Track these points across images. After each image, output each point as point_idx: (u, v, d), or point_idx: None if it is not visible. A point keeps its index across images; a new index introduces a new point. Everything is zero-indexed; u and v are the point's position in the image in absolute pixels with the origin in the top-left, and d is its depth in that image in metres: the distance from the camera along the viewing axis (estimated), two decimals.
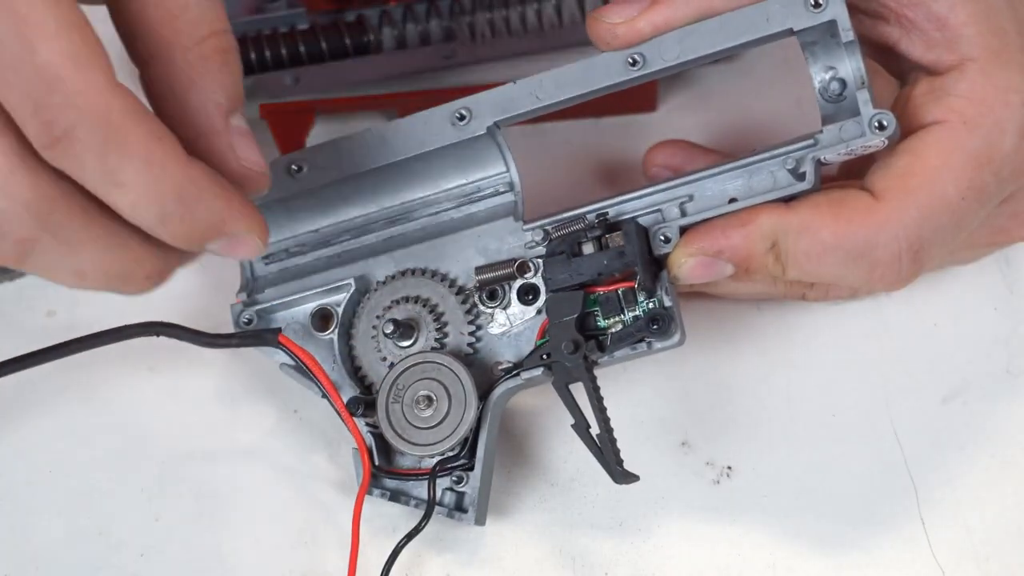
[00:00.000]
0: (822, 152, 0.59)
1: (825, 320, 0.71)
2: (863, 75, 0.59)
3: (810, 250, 0.59)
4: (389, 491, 0.66)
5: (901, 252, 0.58)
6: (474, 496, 0.64)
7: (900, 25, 0.60)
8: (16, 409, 0.73)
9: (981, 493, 0.66)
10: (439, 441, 0.63)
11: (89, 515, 0.71)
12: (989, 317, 0.70)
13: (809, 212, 0.59)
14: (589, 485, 0.68)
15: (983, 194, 0.59)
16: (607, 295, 0.62)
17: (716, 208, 0.61)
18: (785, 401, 0.69)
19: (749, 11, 0.59)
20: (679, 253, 0.60)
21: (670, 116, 0.77)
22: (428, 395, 0.63)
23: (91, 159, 0.46)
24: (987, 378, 0.69)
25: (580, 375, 0.61)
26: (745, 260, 0.60)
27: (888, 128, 0.58)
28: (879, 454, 0.67)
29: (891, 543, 0.66)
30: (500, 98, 0.63)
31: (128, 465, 0.72)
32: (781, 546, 0.66)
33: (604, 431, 0.61)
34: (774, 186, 0.60)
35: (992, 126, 0.58)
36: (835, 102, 0.60)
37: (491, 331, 0.65)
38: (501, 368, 0.64)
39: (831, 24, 0.58)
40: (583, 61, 0.62)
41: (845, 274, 0.60)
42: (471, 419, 0.63)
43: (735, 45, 0.60)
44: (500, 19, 0.76)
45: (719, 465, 0.68)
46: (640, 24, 0.60)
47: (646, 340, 0.61)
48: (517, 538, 0.68)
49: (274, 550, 0.69)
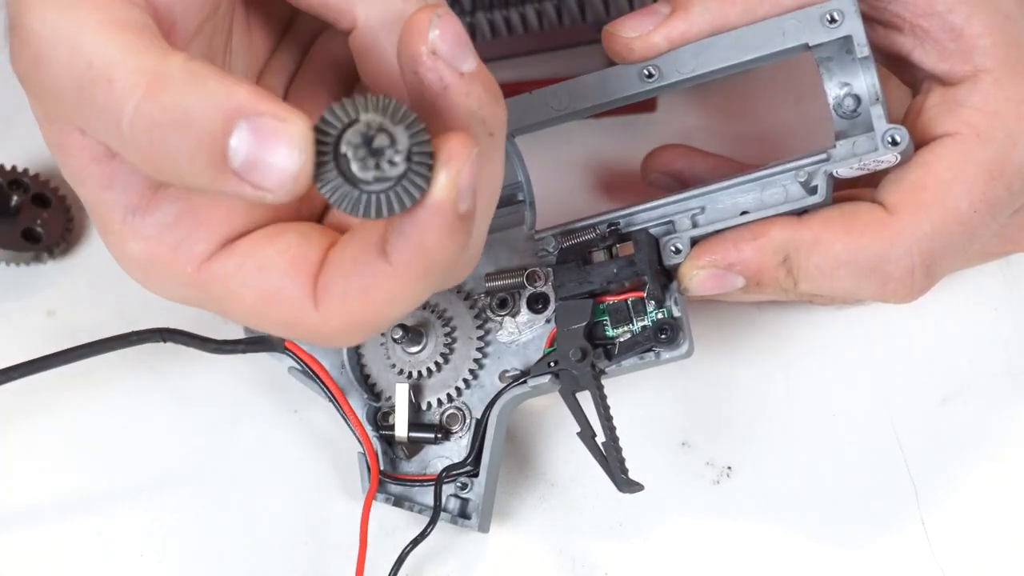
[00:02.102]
0: (835, 166, 0.59)
1: (825, 320, 0.71)
2: (878, 91, 0.58)
3: (822, 264, 0.59)
4: (394, 496, 0.66)
5: (914, 266, 0.58)
6: (478, 503, 0.64)
7: (914, 35, 0.60)
8: (18, 409, 0.73)
9: (981, 493, 0.66)
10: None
11: (89, 515, 0.71)
12: (989, 317, 0.70)
13: (821, 226, 0.59)
14: (589, 485, 0.68)
15: (995, 207, 0.59)
16: (616, 304, 0.62)
17: (728, 220, 0.61)
18: (785, 401, 0.69)
19: (765, 26, 0.59)
20: (690, 265, 0.60)
21: (670, 116, 0.77)
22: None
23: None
24: (987, 378, 0.69)
25: (587, 383, 0.61)
26: (757, 274, 0.60)
27: (901, 143, 0.58)
28: (879, 454, 0.68)
29: (891, 543, 0.66)
30: (515, 108, 0.63)
31: (128, 465, 0.72)
32: (781, 546, 0.66)
33: (610, 440, 0.61)
34: (786, 199, 0.60)
35: (1005, 139, 0.58)
36: (849, 117, 0.60)
37: (500, 339, 0.65)
38: (508, 376, 0.64)
39: (846, 40, 0.58)
40: (598, 72, 0.61)
41: (857, 288, 0.60)
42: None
43: (750, 59, 0.59)
44: (500, 19, 0.75)
45: (719, 465, 0.68)
46: (656, 38, 0.60)
47: (654, 350, 0.61)
48: (518, 538, 0.68)
49: (275, 553, 0.69)
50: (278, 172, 0.42)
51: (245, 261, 0.48)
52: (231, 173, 0.42)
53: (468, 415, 0.65)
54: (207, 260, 0.48)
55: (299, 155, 0.42)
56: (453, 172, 0.43)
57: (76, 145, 0.47)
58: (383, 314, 0.47)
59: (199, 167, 0.43)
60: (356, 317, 0.47)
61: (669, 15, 0.60)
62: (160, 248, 0.48)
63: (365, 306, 0.46)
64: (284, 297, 0.47)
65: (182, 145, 0.43)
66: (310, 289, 0.47)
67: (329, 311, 0.47)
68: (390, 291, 0.46)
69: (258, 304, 0.48)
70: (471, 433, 0.65)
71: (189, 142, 0.42)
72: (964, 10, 0.59)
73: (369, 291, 0.46)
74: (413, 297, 0.46)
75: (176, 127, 0.42)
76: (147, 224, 0.48)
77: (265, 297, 0.48)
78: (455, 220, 0.44)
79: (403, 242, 0.44)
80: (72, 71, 0.44)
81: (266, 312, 0.48)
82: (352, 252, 0.47)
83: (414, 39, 0.45)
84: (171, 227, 0.48)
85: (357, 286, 0.46)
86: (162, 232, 0.48)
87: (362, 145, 0.42)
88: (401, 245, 0.44)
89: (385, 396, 0.66)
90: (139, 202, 0.48)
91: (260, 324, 0.49)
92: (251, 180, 0.42)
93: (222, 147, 0.42)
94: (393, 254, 0.45)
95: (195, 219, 0.48)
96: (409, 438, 0.65)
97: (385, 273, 0.45)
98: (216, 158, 0.42)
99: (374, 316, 0.47)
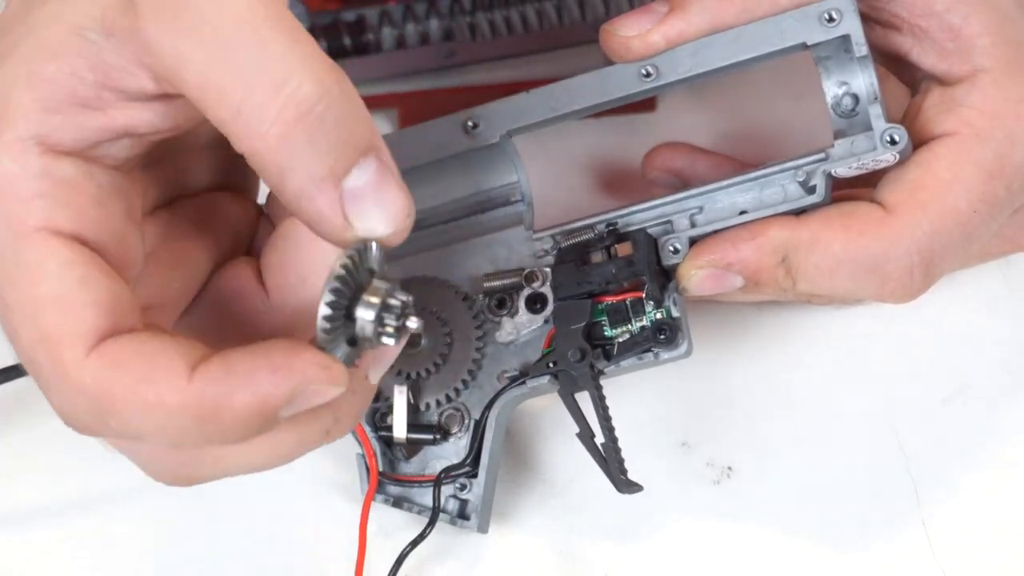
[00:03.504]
0: (833, 166, 0.59)
1: (825, 320, 0.71)
2: (876, 90, 0.58)
3: (821, 264, 0.59)
4: (393, 497, 0.66)
5: (913, 266, 0.58)
6: (477, 503, 0.64)
7: (913, 35, 0.60)
8: (17, 409, 0.73)
9: (982, 493, 0.66)
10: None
11: (89, 515, 0.71)
12: (989, 317, 0.70)
13: (820, 225, 0.59)
14: (589, 485, 0.68)
15: (994, 207, 0.59)
16: (615, 305, 0.62)
17: (726, 220, 0.61)
18: (785, 401, 0.69)
19: (763, 25, 0.59)
20: (688, 265, 0.60)
21: (670, 116, 0.77)
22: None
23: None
24: (987, 378, 0.69)
25: (586, 384, 0.61)
26: (755, 273, 0.60)
27: (900, 143, 0.58)
28: (880, 454, 0.68)
29: (892, 543, 0.66)
30: (513, 108, 0.63)
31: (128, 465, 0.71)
32: (781, 547, 0.66)
33: (609, 440, 0.61)
34: (785, 199, 0.60)
35: (1004, 138, 0.58)
36: (847, 117, 0.60)
37: (498, 339, 0.65)
38: (507, 376, 0.64)
39: (844, 39, 0.58)
40: (596, 71, 0.61)
41: (856, 288, 0.60)
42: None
43: (749, 59, 0.59)
44: (500, 19, 0.75)
45: (719, 465, 0.68)
46: (654, 37, 0.59)
47: (653, 350, 0.61)
48: (517, 539, 0.68)
49: (275, 553, 0.69)
50: (376, 221, 0.45)
51: (78, 265, 0.45)
52: (339, 189, 0.44)
53: (467, 416, 0.65)
54: (54, 231, 0.45)
55: (402, 223, 0.46)
56: (313, 377, 0.44)
57: (72, 64, 0.45)
58: (133, 417, 0.44)
59: (320, 164, 0.44)
60: (110, 395, 0.44)
61: (667, 14, 0.60)
62: (24, 184, 0.45)
63: (127, 392, 0.43)
64: (72, 315, 0.44)
65: (325, 138, 0.44)
66: (99, 333, 0.44)
67: (94, 365, 0.44)
68: (160, 402, 0.43)
69: (43, 299, 0.44)
70: (470, 434, 0.65)
71: (331, 139, 0.44)
72: (963, 10, 0.59)
73: (143, 381, 0.44)
74: (172, 427, 0.44)
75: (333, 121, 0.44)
76: (36, 159, 0.45)
77: (56, 300, 0.44)
78: (272, 409, 0.44)
79: (218, 375, 0.43)
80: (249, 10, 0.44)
81: (41, 312, 0.44)
82: (162, 345, 0.44)
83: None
84: (51, 181, 0.45)
85: (139, 366, 0.44)
86: (40, 176, 0.45)
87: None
88: (213, 376, 0.43)
89: (383, 397, 0.65)
90: (52, 143, 0.45)
91: (20, 319, 0.45)
92: (349, 208, 0.45)
93: (349, 164, 0.44)
94: (198, 375, 0.43)
95: (74, 198, 0.45)
96: (408, 439, 0.65)
97: (173, 385, 0.43)
98: (340, 166, 0.44)
99: (126, 411, 0.44)
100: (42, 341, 0.44)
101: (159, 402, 0.43)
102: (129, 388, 0.43)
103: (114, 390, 0.43)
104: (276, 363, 0.43)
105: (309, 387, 0.44)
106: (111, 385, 0.43)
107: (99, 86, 0.45)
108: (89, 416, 0.44)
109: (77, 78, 0.45)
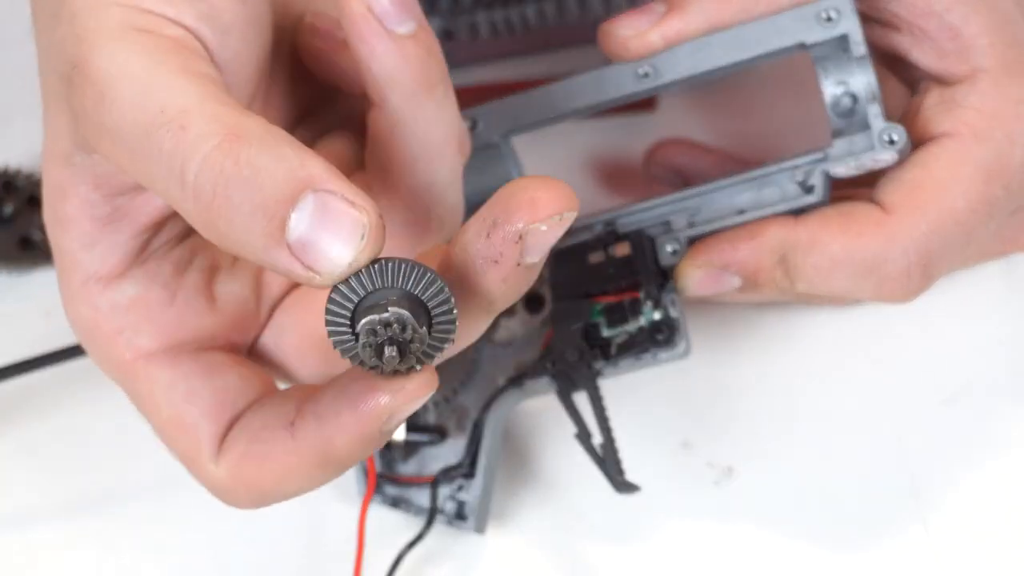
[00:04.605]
0: (831, 166, 0.59)
1: (825, 320, 0.70)
2: (875, 89, 0.58)
3: (819, 264, 0.59)
4: (390, 498, 0.66)
5: (911, 266, 0.58)
6: (475, 504, 0.64)
7: (912, 34, 0.60)
8: (16, 409, 0.73)
9: (982, 494, 0.66)
10: None
11: (88, 515, 0.71)
12: (989, 317, 0.70)
13: (818, 225, 0.59)
14: (587, 486, 0.68)
15: (993, 207, 0.59)
16: (613, 305, 0.62)
17: (724, 220, 0.61)
18: (786, 402, 0.69)
19: (761, 24, 0.59)
20: (686, 265, 0.60)
21: (670, 116, 0.77)
22: None
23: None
24: (987, 379, 0.68)
25: (584, 384, 0.61)
26: (753, 274, 0.60)
27: (899, 142, 0.57)
28: (880, 454, 0.67)
29: (892, 544, 0.66)
30: (512, 108, 0.63)
31: (127, 465, 0.72)
32: (781, 547, 0.66)
33: (607, 441, 0.61)
34: (783, 199, 0.60)
35: (1003, 139, 0.58)
36: (846, 116, 0.60)
37: (496, 340, 0.65)
38: (505, 377, 0.64)
39: (843, 38, 0.58)
40: (594, 72, 0.61)
41: (854, 288, 0.59)
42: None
43: (747, 58, 0.59)
44: (500, 18, 0.75)
45: (720, 466, 0.68)
46: (652, 37, 0.59)
47: (651, 350, 0.61)
48: (515, 540, 0.68)
49: (274, 554, 0.69)
50: (333, 257, 0.40)
51: (178, 381, 0.49)
52: (285, 246, 0.40)
53: (465, 416, 0.65)
54: (146, 357, 0.49)
55: (358, 244, 0.40)
56: (396, 402, 0.43)
57: (80, 196, 0.47)
58: (276, 487, 0.47)
59: (254, 232, 0.40)
60: (248, 481, 0.47)
61: (665, 14, 0.60)
62: (105, 324, 0.49)
63: (260, 474, 0.47)
64: (193, 434, 0.48)
65: (244, 204, 0.40)
66: (218, 438, 0.48)
67: (225, 466, 0.48)
68: (286, 466, 0.46)
69: (168, 425, 0.49)
70: (468, 435, 0.65)
71: (252, 202, 0.40)
72: (962, 10, 0.58)
73: (266, 460, 0.47)
74: (307, 480, 0.47)
75: (243, 185, 0.40)
76: (102, 298, 0.49)
77: (177, 424, 0.49)
78: (375, 434, 0.44)
79: (314, 426, 0.45)
80: (142, 113, 0.42)
81: (172, 436, 0.49)
82: (263, 417, 0.48)
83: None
84: (122, 311, 0.49)
85: (257, 451, 0.47)
86: (112, 311, 0.49)
87: (383, 333, 0.42)
88: (311, 428, 0.45)
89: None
90: (105, 274, 0.49)
91: (162, 440, 0.50)
92: (304, 258, 0.40)
93: (283, 216, 0.40)
94: (299, 432, 0.45)
95: (146, 313, 0.49)
96: (406, 440, 0.65)
97: (286, 448, 0.46)
98: (274, 226, 0.40)
99: (267, 486, 0.47)
100: (183, 459, 0.49)
101: (285, 472, 0.46)
102: (259, 472, 0.47)
103: (249, 478, 0.47)
104: (354, 400, 0.44)
105: (396, 413, 0.44)
106: (247, 475, 0.47)
107: (109, 199, 0.47)
108: (249, 500, 0.48)
109: (89, 204, 0.47)
